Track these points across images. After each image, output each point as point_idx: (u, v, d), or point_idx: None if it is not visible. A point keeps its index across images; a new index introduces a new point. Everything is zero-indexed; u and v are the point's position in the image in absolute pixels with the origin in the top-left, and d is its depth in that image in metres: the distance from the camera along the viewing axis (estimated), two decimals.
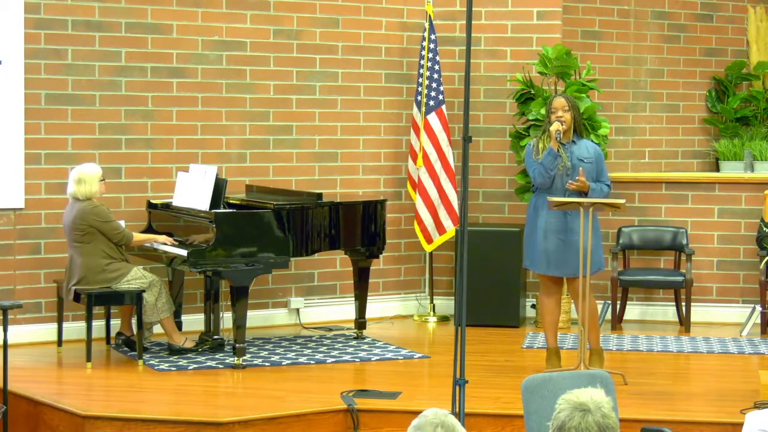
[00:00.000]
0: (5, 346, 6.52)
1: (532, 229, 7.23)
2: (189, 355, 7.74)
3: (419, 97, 9.10)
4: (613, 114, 9.82)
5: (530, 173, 7.23)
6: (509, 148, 9.19)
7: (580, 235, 6.96)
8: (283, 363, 7.62)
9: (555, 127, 7.02)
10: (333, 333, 8.68)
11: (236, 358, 7.43)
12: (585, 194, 7.04)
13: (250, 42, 8.89)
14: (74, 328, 8.02)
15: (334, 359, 7.73)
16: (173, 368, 7.41)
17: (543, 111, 8.72)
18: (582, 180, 6.98)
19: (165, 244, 7.73)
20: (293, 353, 7.91)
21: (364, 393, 6.72)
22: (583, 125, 7.50)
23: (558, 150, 7.03)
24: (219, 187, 7.68)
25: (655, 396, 6.79)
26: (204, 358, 7.69)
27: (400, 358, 7.86)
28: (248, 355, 7.65)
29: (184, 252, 7.44)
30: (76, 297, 7.54)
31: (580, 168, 7.03)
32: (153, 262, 8.16)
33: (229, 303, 7.62)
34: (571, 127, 7.15)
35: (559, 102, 7.14)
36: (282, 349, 8.04)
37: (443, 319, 9.29)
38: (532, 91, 8.94)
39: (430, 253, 9.38)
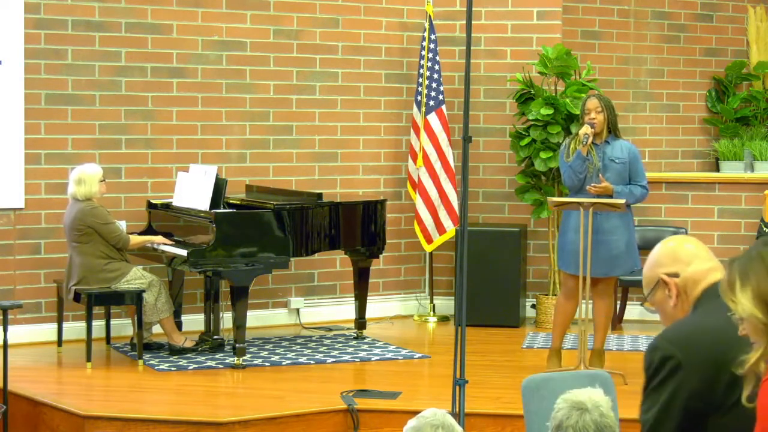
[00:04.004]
0: (5, 346, 6.52)
1: (564, 230, 7.20)
2: (189, 355, 7.74)
3: (419, 97, 9.10)
4: None
5: (561, 173, 7.22)
6: (509, 148, 9.19)
7: (612, 234, 6.97)
8: (283, 363, 7.62)
9: (583, 130, 6.99)
10: (333, 333, 8.68)
11: (236, 358, 7.43)
12: (611, 197, 7.00)
13: (250, 42, 8.89)
14: (74, 328, 8.02)
15: (334, 359, 7.73)
16: (173, 368, 7.42)
17: (543, 111, 8.73)
18: (604, 185, 6.95)
19: (164, 244, 7.74)
20: (293, 353, 7.91)
21: (364, 393, 6.73)
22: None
23: (587, 154, 7.00)
24: (219, 187, 7.68)
25: None
26: (204, 358, 7.69)
27: (400, 358, 7.87)
28: (248, 355, 7.65)
29: (184, 252, 7.44)
30: (76, 297, 7.54)
31: (600, 174, 6.99)
32: (153, 262, 8.16)
33: (229, 303, 7.62)
34: (605, 128, 7.12)
35: (592, 103, 7.10)
36: (282, 349, 8.04)
37: (443, 319, 9.29)
38: (532, 91, 8.94)
39: (430, 253, 9.38)
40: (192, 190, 7.85)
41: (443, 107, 9.05)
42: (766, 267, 2.68)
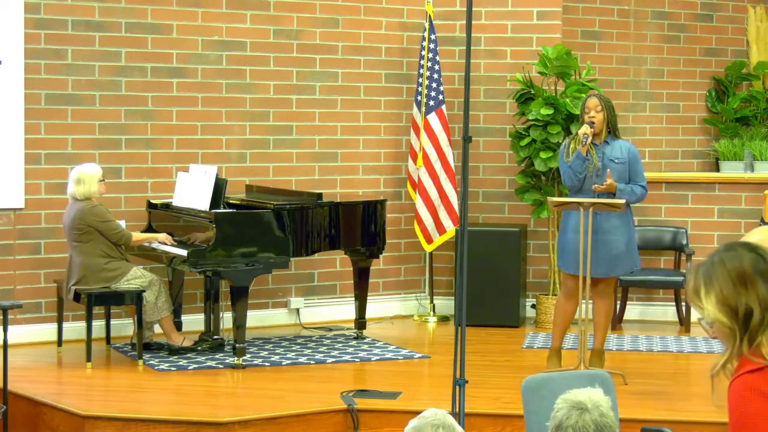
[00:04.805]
0: (5, 346, 6.52)
1: (563, 230, 7.19)
2: (189, 355, 7.74)
3: (419, 97, 9.10)
4: None
5: (561, 174, 7.21)
6: (509, 148, 9.19)
7: (612, 234, 6.97)
8: (283, 363, 7.62)
9: (582, 130, 6.98)
10: (333, 333, 8.68)
11: (236, 358, 7.43)
12: (614, 195, 6.99)
13: (250, 42, 8.89)
14: (74, 328, 8.02)
15: (334, 359, 7.73)
16: (173, 368, 7.42)
17: (543, 111, 8.73)
18: (609, 183, 6.94)
19: (164, 243, 7.74)
20: (293, 353, 7.91)
21: (364, 393, 6.73)
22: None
23: (587, 153, 7.00)
24: (219, 187, 7.68)
25: (655, 396, 6.79)
26: (204, 358, 7.69)
27: (400, 358, 7.87)
28: (248, 355, 7.65)
29: (184, 252, 7.44)
30: (76, 297, 7.54)
31: (608, 170, 6.99)
32: (153, 262, 8.16)
33: (229, 303, 7.62)
34: (604, 128, 7.10)
35: (592, 102, 7.10)
36: (282, 349, 8.04)
37: (443, 319, 9.29)
38: (532, 91, 8.94)
39: (430, 253, 9.38)
40: (192, 190, 7.85)
41: (443, 107, 9.05)
42: (727, 272, 2.74)
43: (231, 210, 7.71)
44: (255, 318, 8.52)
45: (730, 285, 2.73)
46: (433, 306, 9.38)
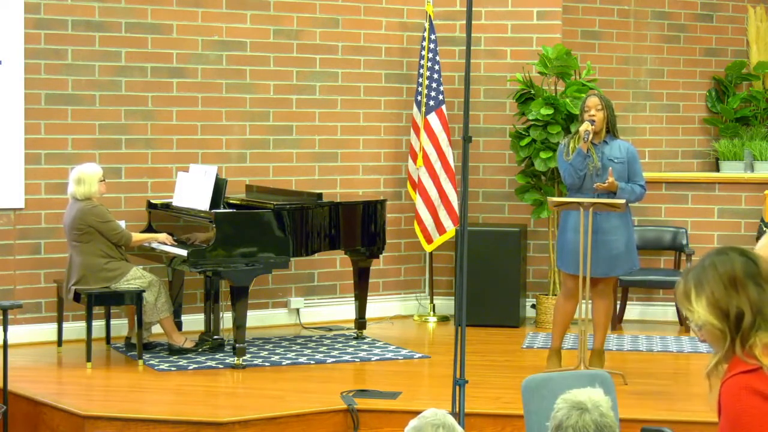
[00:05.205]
0: (5, 346, 6.52)
1: (563, 229, 7.19)
2: (189, 355, 7.74)
3: (419, 97, 9.10)
4: None
5: (561, 172, 7.21)
6: (509, 148, 9.19)
7: (612, 234, 6.97)
8: (283, 363, 7.62)
9: (584, 127, 6.98)
10: (333, 333, 8.68)
11: (236, 358, 7.43)
12: (614, 194, 6.99)
13: (250, 42, 8.89)
14: (74, 328, 8.02)
15: (334, 359, 7.73)
16: (173, 368, 7.42)
17: (543, 111, 8.73)
18: (610, 181, 6.93)
19: (164, 243, 7.74)
20: (293, 353, 7.91)
21: (364, 393, 6.73)
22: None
23: (588, 151, 6.99)
24: (219, 187, 7.68)
25: (655, 396, 6.79)
26: (204, 358, 7.69)
27: (400, 358, 7.87)
28: (248, 355, 7.65)
29: (184, 252, 7.44)
30: (76, 297, 7.54)
31: (609, 168, 6.98)
32: (153, 262, 8.16)
33: (229, 303, 7.62)
34: (604, 127, 7.10)
35: (593, 101, 7.10)
36: (282, 349, 8.04)
37: (443, 319, 9.29)
38: (532, 91, 8.94)
39: (430, 253, 9.38)
40: (192, 190, 7.85)
41: (443, 107, 9.05)
42: (719, 275, 2.80)
43: (231, 210, 7.71)
44: (255, 318, 8.52)
45: (721, 288, 2.78)
46: (433, 306, 9.38)
